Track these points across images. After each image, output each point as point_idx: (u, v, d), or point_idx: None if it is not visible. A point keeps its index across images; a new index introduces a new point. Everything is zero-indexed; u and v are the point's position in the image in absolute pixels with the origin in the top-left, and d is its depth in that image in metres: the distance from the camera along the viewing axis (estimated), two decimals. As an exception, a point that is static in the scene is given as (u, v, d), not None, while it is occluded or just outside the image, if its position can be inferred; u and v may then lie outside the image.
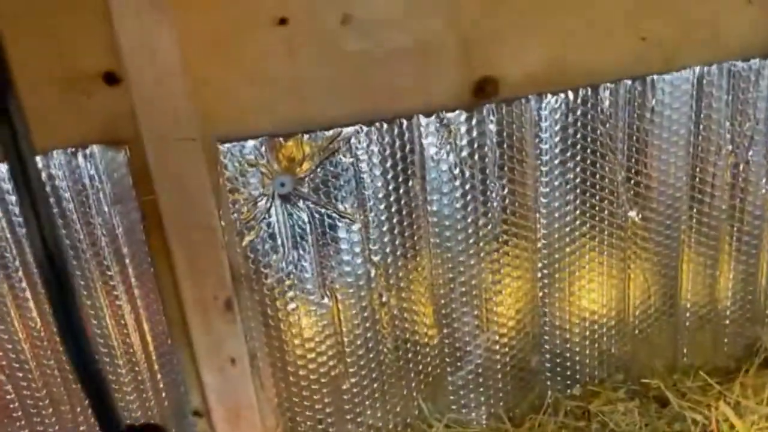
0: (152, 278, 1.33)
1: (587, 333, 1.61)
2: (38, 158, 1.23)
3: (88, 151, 1.24)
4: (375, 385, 1.53)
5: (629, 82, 1.41)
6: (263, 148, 1.31)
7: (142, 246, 1.31)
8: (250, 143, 1.31)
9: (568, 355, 1.62)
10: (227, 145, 1.30)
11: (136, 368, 1.41)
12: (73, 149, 1.23)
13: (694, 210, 1.55)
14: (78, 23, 1.17)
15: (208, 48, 1.23)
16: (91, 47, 1.19)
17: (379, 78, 1.33)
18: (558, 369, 1.63)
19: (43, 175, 1.24)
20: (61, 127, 1.19)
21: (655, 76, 1.42)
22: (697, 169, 1.51)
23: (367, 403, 1.54)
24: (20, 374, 1.37)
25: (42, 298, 1.32)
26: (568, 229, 1.50)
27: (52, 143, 1.21)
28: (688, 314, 1.65)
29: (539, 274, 1.52)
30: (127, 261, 1.32)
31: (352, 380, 1.51)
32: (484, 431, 1.58)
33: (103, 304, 1.34)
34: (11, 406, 1.40)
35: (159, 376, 1.43)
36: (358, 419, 1.55)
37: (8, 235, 1.26)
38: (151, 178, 1.26)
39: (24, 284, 1.30)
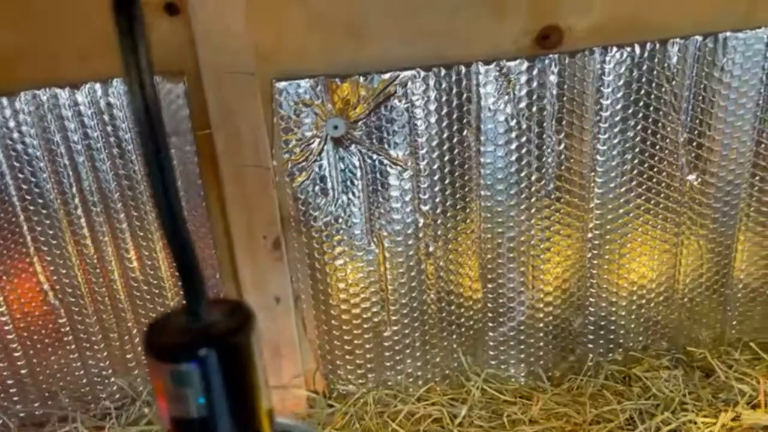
0: (204, 213, 1.35)
1: (634, 298, 1.58)
2: (98, 85, 1.24)
3: (147, 82, 1.24)
4: (416, 335, 1.54)
5: (700, 38, 1.35)
6: (319, 88, 1.30)
7: (196, 179, 1.32)
8: (306, 82, 1.30)
9: (612, 318, 1.59)
10: (283, 83, 1.29)
11: (184, 301, 1.43)
12: (133, 79, 1.24)
13: (757, 177, 1.49)
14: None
15: (270, -18, 1.22)
16: (153, -24, 1.19)
17: (440, 22, 1.30)
18: (601, 332, 1.60)
19: (102, 103, 1.25)
20: (122, 54, 1.20)
21: (728, 34, 1.36)
22: (764, 135, 1.45)
23: (407, 351, 1.55)
24: (73, 299, 1.41)
25: (96, 227, 1.35)
26: (623, 189, 1.46)
27: (112, 71, 1.22)
28: (740, 286, 1.60)
29: (590, 234, 1.49)
30: (180, 194, 1.33)
31: (394, 328, 1.52)
32: (523, 389, 1.57)
33: (154, 236, 1.37)
34: (63, 330, 1.44)
35: (205, 310, 1.46)
36: (398, 367, 1.56)
37: (66, 162, 1.29)
38: (207, 113, 1.26)
39: (80, 211, 1.33)
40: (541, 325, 1.57)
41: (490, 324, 1.56)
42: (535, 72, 1.33)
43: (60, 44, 1.21)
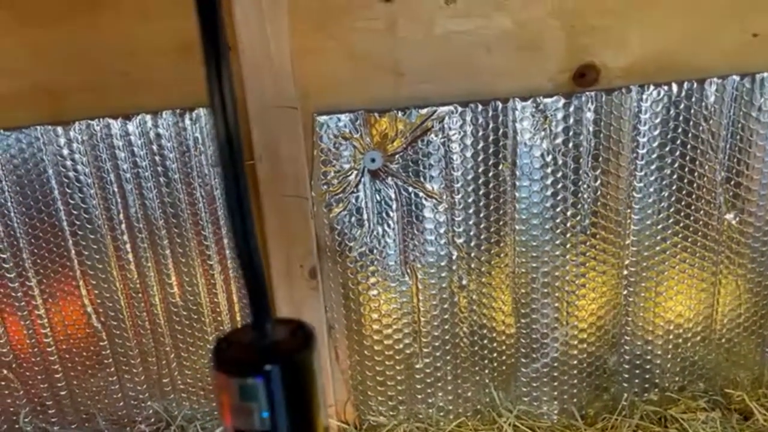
0: (244, 241, 1.38)
1: (670, 337, 1.56)
2: (148, 117, 1.29)
3: (194, 114, 1.30)
4: (448, 368, 1.54)
5: (737, 78, 1.36)
6: (358, 122, 1.34)
7: (237, 209, 1.36)
8: (346, 116, 1.34)
9: (648, 357, 1.57)
10: (324, 117, 1.33)
11: (221, 327, 1.46)
12: (181, 110, 1.29)
13: (797, 218, 1.48)
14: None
15: (314, 21, 1.27)
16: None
17: (478, 60, 1.33)
18: (636, 372, 1.58)
19: (152, 134, 1.31)
20: (174, 89, 1.26)
21: (765, 74, 1.36)
22: (804, 175, 1.44)
23: (438, 385, 1.54)
24: (114, 323, 1.45)
25: (140, 252, 1.39)
26: (659, 227, 1.45)
27: (164, 104, 1.27)
28: (780, 327, 1.57)
29: (625, 272, 1.49)
30: (222, 223, 1.37)
31: (426, 360, 1.52)
32: (556, 426, 1.55)
33: (195, 263, 1.40)
34: (103, 353, 1.48)
35: (241, 337, 1.48)
36: (429, 400, 1.55)
37: (115, 189, 1.34)
38: (251, 144, 1.30)
39: (126, 237, 1.37)
40: (575, 362, 1.56)
41: (523, 359, 1.55)
42: (571, 109, 1.35)
43: (109, 79, 1.28)
